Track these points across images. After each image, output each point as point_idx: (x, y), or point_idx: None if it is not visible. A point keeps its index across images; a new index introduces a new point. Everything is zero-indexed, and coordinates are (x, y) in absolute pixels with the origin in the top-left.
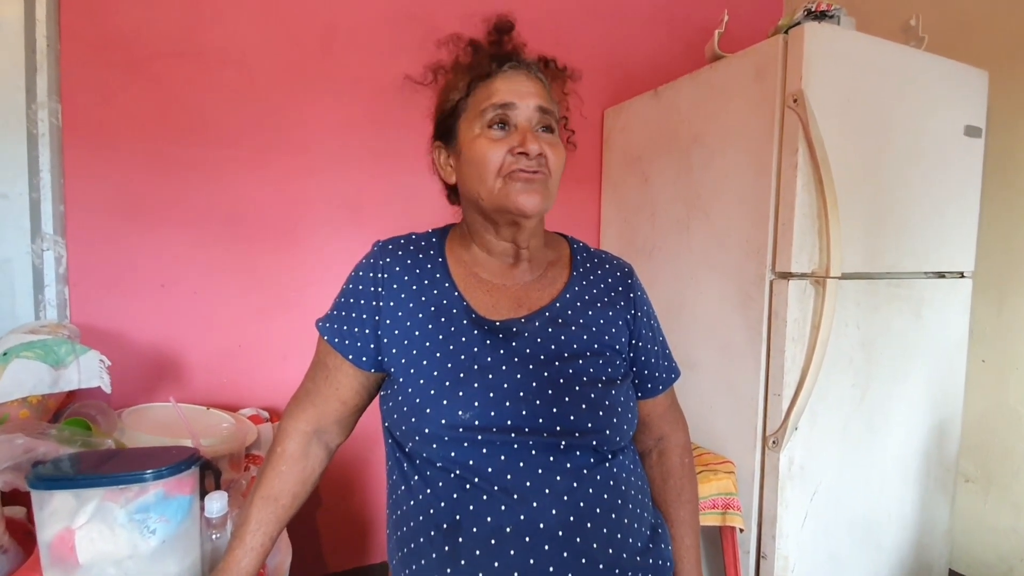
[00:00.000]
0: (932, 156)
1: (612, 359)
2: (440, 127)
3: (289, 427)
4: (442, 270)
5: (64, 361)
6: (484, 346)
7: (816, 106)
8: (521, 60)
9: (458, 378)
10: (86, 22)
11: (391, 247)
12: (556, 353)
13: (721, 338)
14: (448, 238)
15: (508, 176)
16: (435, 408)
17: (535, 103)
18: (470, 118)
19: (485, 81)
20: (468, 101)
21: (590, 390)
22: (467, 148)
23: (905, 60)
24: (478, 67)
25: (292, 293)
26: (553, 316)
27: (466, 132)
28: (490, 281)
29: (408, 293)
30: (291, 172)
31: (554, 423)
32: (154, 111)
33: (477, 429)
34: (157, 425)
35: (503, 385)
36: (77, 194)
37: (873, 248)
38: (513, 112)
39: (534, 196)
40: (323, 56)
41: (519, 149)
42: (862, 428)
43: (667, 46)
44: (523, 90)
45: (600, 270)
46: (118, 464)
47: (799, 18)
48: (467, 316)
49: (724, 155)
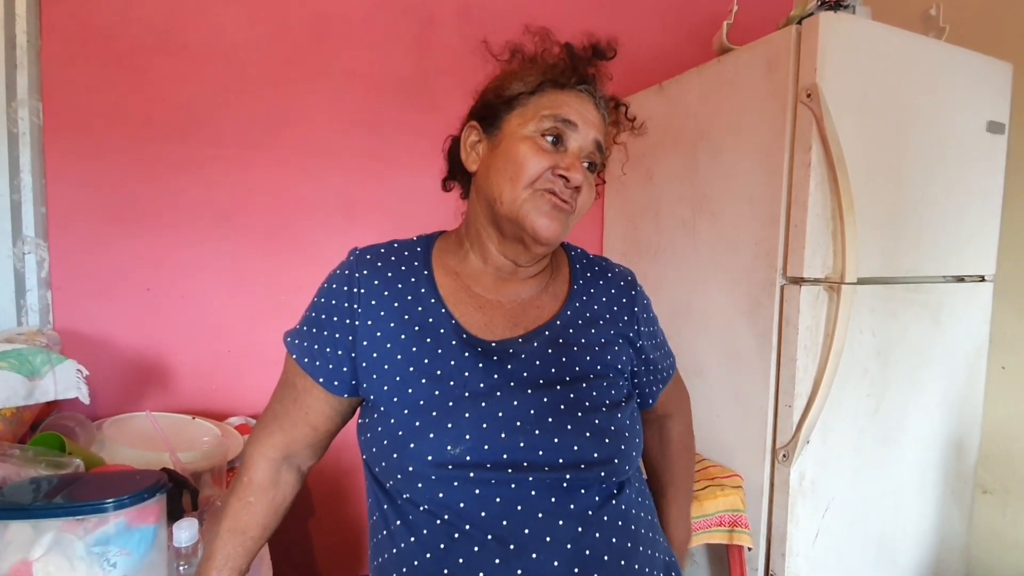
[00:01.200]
0: (952, 154)
1: (616, 380)
2: (484, 108)
3: (256, 454)
4: (427, 284)
5: (39, 371)
6: (476, 370)
7: (831, 101)
8: (598, 90)
9: (446, 407)
10: (68, 17)
11: (369, 257)
12: (556, 377)
13: (729, 345)
14: (436, 247)
15: (539, 192)
16: (420, 442)
17: (594, 135)
18: (525, 115)
19: (557, 89)
20: (530, 99)
21: (594, 416)
22: (509, 143)
23: (925, 52)
24: (557, 72)
25: (283, 296)
26: (553, 336)
27: (515, 127)
28: (483, 296)
29: (388, 311)
30: (282, 170)
31: (556, 455)
32: (139, 108)
33: (468, 466)
34: (138, 437)
35: (498, 414)
36: (59, 195)
37: (890, 251)
38: (572, 132)
39: (555, 224)
40: (315, 48)
41: (563, 171)
42: (877, 440)
43: (673, 38)
44: (589, 117)
45: (602, 280)
46: (78, 491)
47: (812, 8)
48: (456, 336)
49: (733, 153)
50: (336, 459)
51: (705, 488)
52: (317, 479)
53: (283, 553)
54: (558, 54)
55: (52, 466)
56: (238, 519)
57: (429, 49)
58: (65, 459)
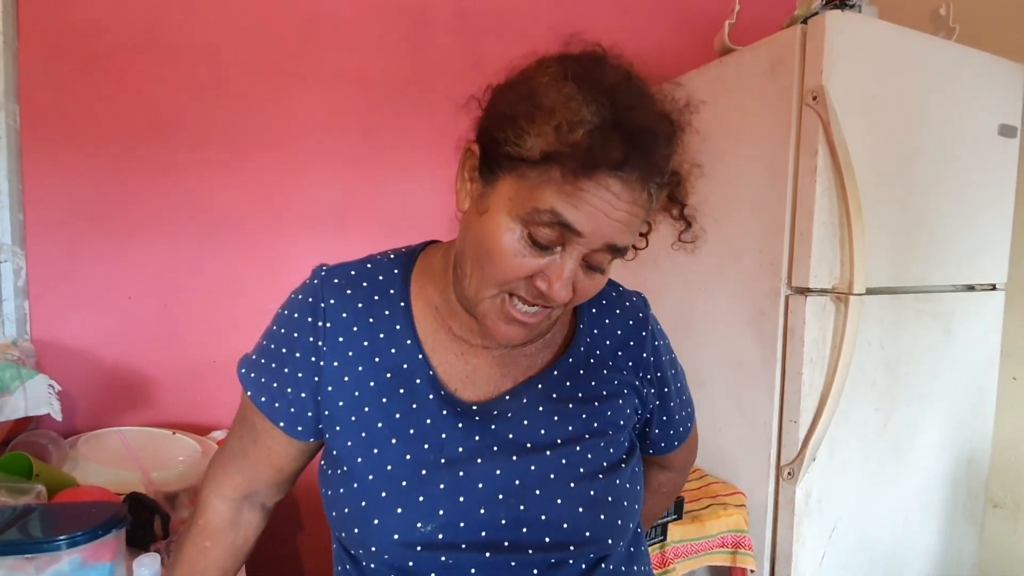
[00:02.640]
0: (963, 158)
1: (616, 437)
2: (492, 141)
3: (212, 494)
4: (403, 320)
5: (9, 387)
6: (455, 431)
7: (838, 104)
8: (650, 165)
9: (418, 476)
10: (46, 16)
11: (337, 281)
12: (547, 439)
13: (732, 357)
14: (417, 269)
15: (509, 295)
16: (385, 518)
17: (607, 241)
18: (519, 193)
19: (579, 170)
20: (539, 168)
21: (589, 485)
22: (492, 216)
23: (934, 53)
24: (592, 151)
25: (270, 304)
26: (546, 389)
27: (507, 195)
28: (466, 340)
29: (358, 351)
30: (269, 174)
31: (543, 534)
32: (120, 111)
33: (440, 547)
34: (113, 455)
35: (477, 485)
36: (37, 202)
37: (900, 260)
38: (573, 240)
39: (522, 331)
40: (303, 49)
41: (542, 288)
42: (885, 456)
43: (674, 38)
44: (610, 215)
45: (608, 318)
46: (33, 525)
47: (817, 7)
48: (433, 390)
49: (735, 157)
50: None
51: (707, 507)
52: (306, 491)
53: (271, 570)
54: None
55: (12, 493)
56: (194, 565)
57: (422, 51)
58: (26, 485)
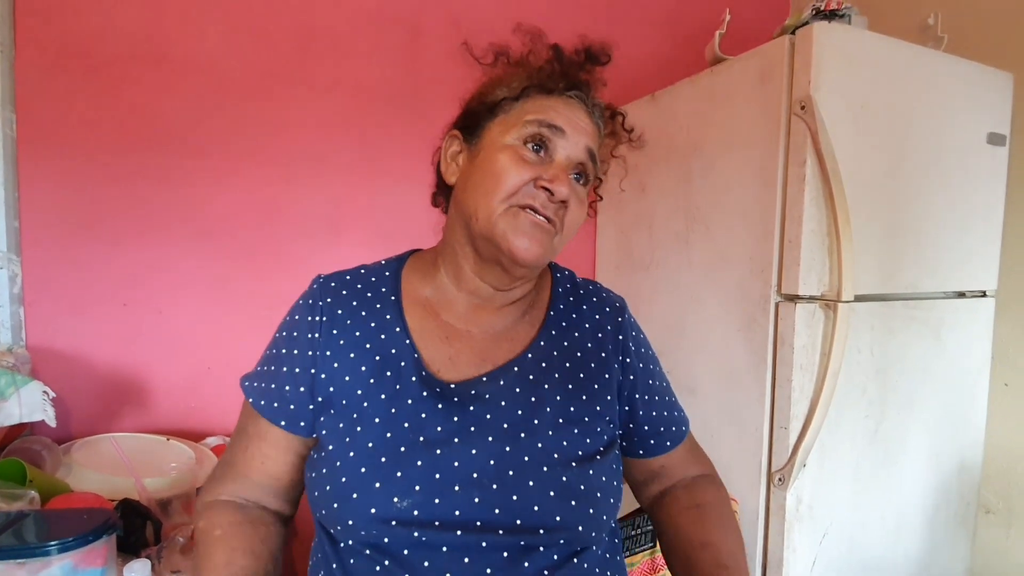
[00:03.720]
0: (952, 166)
1: (592, 425)
2: (467, 117)
3: (206, 501)
4: (394, 311)
5: (3, 394)
6: (434, 412)
7: (826, 113)
8: (591, 96)
9: (397, 453)
10: (43, 25)
11: (334, 284)
12: (522, 421)
13: (723, 363)
14: (407, 269)
15: (517, 207)
16: (364, 493)
17: (585, 142)
18: (507, 123)
19: (544, 95)
20: (514, 105)
21: (562, 472)
22: (488, 153)
23: (923, 62)
24: (544, 76)
25: (266, 311)
26: (523, 372)
27: (495, 135)
28: (452, 325)
29: (349, 340)
30: (265, 182)
31: (514, 516)
32: (116, 119)
33: (414, 523)
34: (107, 461)
35: (453, 464)
36: (33, 209)
37: (889, 267)
38: (558, 139)
39: (535, 245)
40: (298, 59)
41: (545, 183)
42: (876, 462)
43: (666, 46)
44: (580, 124)
45: (586, 305)
46: (25, 531)
47: (807, 17)
48: (416, 372)
49: (725, 165)
50: None
51: None
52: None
53: None
54: (546, 57)
55: (5, 499)
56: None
57: (417, 60)
58: (19, 491)
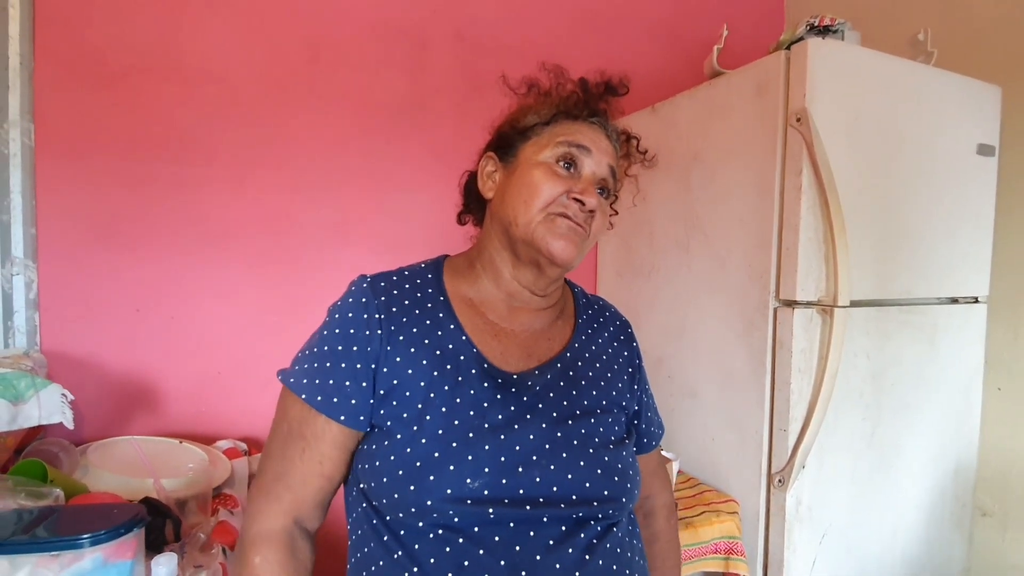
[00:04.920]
0: (944, 176)
1: (619, 417)
2: (502, 140)
3: (262, 530)
4: (445, 309)
5: (24, 396)
6: (495, 401)
7: (821, 125)
8: (609, 123)
9: (466, 438)
10: (61, 39)
11: (383, 284)
12: (568, 411)
13: (724, 367)
14: (446, 270)
15: (553, 215)
16: (440, 475)
17: (607, 161)
18: (540, 143)
19: (570, 120)
20: (545, 129)
21: (604, 452)
22: (524, 169)
23: (914, 76)
24: (571, 104)
25: (274, 317)
26: (564, 368)
27: (530, 154)
28: (497, 324)
29: (408, 336)
30: (274, 190)
31: (570, 491)
32: (131, 129)
33: (486, 501)
34: (122, 463)
35: (515, 447)
36: (50, 216)
37: (883, 274)
38: (585, 157)
39: (570, 246)
40: (308, 70)
41: (576, 195)
42: (873, 465)
43: (666, 61)
44: (602, 145)
45: (602, 318)
46: (55, 525)
47: (802, 32)
48: (477, 365)
49: (724, 175)
50: None
51: (701, 514)
52: None
53: None
54: (572, 89)
55: (32, 496)
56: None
57: (422, 72)
58: (45, 489)
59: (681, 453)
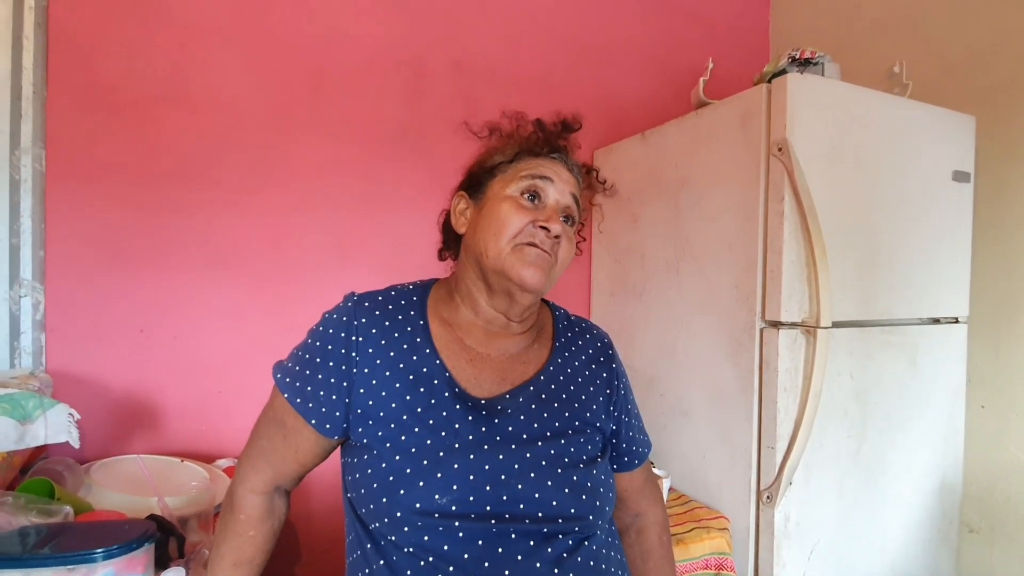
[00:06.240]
0: (921, 203)
1: (592, 436)
2: (471, 179)
3: (246, 492)
4: (423, 334)
5: (31, 416)
6: (466, 423)
7: (801, 155)
8: (569, 157)
9: (437, 457)
10: (74, 69)
11: (368, 304)
12: (539, 432)
13: (713, 385)
14: (431, 295)
15: (521, 244)
16: (409, 490)
17: (570, 190)
18: (506, 179)
19: (532, 157)
20: (510, 166)
21: (572, 472)
22: (492, 204)
23: (890, 108)
24: (532, 143)
25: (275, 337)
26: (536, 391)
27: (497, 190)
28: (474, 349)
29: (385, 359)
30: (277, 214)
31: (536, 509)
32: (139, 156)
33: (454, 516)
34: (126, 481)
35: (484, 467)
36: (58, 239)
37: (865, 295)
38: (548, 188)
39: (538, 272)
40: (312, 99)
41: (542, 223)
42: (859, 481)
43: (656, 90)
44: (563, 176)
45: (581, 340)
46: (68, 541)
47: (784, 65)
48: (450, 389)
49: (711, 200)
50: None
51: (691, 531)
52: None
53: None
54: (532, 129)
55: (42, 514)
56: (242, 552)
57: (421, 100)
58: (55, 507)
59: (673, 470)
